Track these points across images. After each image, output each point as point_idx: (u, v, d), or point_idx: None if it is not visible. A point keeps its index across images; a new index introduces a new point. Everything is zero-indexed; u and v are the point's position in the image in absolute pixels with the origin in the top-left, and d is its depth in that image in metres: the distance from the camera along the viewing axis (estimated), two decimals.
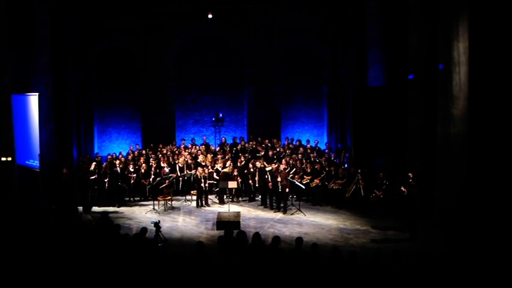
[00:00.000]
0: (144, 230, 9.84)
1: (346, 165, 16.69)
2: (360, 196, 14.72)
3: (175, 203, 16.19)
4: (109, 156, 17.56)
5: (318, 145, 19.31)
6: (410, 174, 12.89)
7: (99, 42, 20.72)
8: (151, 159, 17.38)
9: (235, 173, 16.30)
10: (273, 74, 21.09)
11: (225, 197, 16.49)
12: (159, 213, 15.15)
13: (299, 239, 9.05)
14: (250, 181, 16.31)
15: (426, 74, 14.36)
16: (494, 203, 12.27)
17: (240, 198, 16.64)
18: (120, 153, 18.29)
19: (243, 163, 16.99)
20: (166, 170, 16.59)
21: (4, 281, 7.99)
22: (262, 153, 18.19)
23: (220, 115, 21.23)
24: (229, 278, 7.81)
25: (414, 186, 12.52)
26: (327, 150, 18.90)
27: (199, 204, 15.91)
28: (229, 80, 21.68)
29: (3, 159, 14.20)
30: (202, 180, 15.87)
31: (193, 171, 16.54)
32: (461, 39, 12.80)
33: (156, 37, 20.70)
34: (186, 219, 14.55)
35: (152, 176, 16.29)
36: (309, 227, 13.66)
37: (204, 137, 20.32)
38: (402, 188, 12.60)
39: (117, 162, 16.93)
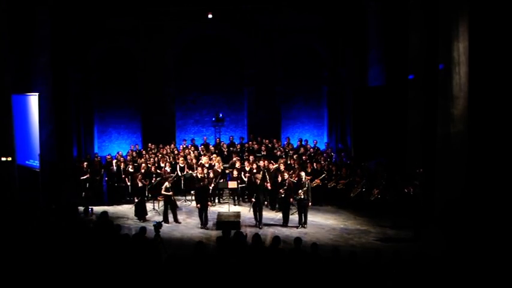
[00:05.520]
0: (143, 229, 9.83)
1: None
2: (364, 197, 14.74)
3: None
4: (108, 156, 17.58)
5: (317, 145, 19.32)
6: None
7: (99, 42, 20.72)
8: (150, 159, 17.36)
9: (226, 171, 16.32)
10: (273, 74, 21.10)
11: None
12: (159, 213, 15.13)
13: (298, 239, 9.04)
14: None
15: (426, 74, 14.37)
16: (494, 202, 12.27)
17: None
18: (118, 153, 18.26)
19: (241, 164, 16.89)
20: (168, 169, 16.57)
21: (4, 281, 7.99)
22: (264, 153, 18.16)
23: (220, 115, 21.21)
24: (229, 278, 7.81)
25: (418, 186, 12.55)
26: (324, 150, 18.91)
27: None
28: (229, 80, 21.68)
29: (3, 159, 14.23)
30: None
31: (192, 171, 16.51)
32: (461, 39, 12.79)
33: (156, 37, 20.72)
34: (186, 219, 14.53)
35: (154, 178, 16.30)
36: (309, 227, 13.66)
37: (205, 137, 20.31)
38: (406, 190, 12.61)
39: (114, 161, 16.93)
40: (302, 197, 13.50)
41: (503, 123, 12.48)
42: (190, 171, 16.56)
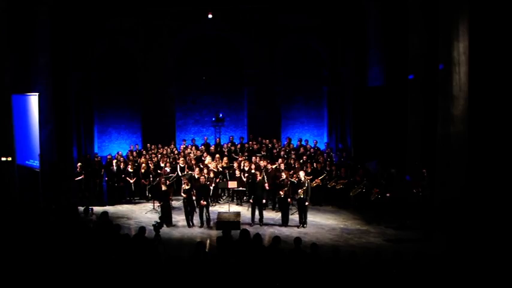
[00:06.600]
0: (142, 229, 9.82)
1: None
2: (364, 197, 14.73)
3: (175, 203, 16.15)
4: (108, 156, 17.58)
5: (317, 145, 19.32)
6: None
7: (99, 42, 20.74)
8: (152, 159, 17.36)
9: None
10: (273, 74, 21.11)
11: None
12: (159, 213, 15.10)
13: (297, 239, 9.05)
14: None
15: (426, 74, 14.37)
16: (494, 202, 12.28)
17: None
18: (118, 153, 18.26)
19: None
20: (167, 169, 16.57)
21: (4, 281, 8.00)
22: (264, 153, 18.13)
23: (220, 115, 21.23)
24: (229, 278, 7.81)
25: (427, 187, 12.56)
26: (324, 150, 18.90)
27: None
28: (229, 80, 21.70)
29: (3, 159, 14.25)
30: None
31: (193, 171, 16.49)
32: (461, 39, 12.79)
33: (156, 37, 20.72)
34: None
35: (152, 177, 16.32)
36: (309, 227, 13.65)
37: (205, 137, 20.31)
38: (414, 190, 12.64)
39: (114, 162, 16.94)
40: (302, 196, 13.51)
41: (503, 123, 12.49)
42: (190, 172, 16.54)
